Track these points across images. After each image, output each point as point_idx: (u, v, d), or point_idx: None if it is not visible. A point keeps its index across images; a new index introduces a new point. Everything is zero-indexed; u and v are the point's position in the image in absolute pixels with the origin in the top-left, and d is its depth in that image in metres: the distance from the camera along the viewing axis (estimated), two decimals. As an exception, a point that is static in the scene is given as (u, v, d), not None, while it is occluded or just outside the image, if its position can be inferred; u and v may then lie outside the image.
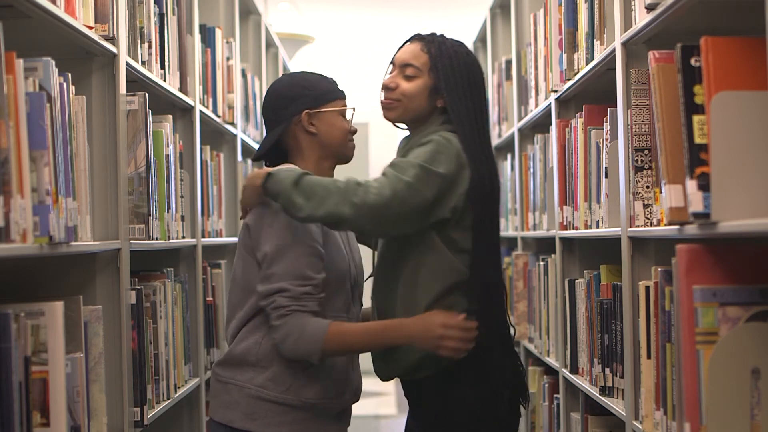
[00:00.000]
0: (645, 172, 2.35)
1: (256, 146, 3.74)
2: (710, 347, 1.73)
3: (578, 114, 3.04)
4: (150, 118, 2.60)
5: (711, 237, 1.78)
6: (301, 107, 2.44)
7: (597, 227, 2.83)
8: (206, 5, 4.14)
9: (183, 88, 3.20)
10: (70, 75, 2.08)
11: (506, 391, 2.41)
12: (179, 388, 3.01)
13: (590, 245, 3.26)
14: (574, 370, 3.15)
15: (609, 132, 2.67)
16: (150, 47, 2.76)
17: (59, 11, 2.01)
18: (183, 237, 3.08)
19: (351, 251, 2.49)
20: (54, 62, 1.88)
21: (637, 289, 2.34)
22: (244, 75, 4.65)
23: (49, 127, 1.84)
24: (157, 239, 2.70)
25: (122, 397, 2.40)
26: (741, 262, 1.76)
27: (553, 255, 3.48)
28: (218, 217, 3.86)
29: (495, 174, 2.41)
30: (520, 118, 4.36)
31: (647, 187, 2.34)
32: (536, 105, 3.89)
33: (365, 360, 2.47)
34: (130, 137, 2.53)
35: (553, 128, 3.40)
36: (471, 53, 2.49)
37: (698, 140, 1.78)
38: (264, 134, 2.52)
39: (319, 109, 2.45)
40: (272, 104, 2.47)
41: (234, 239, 3.92)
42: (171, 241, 2.88)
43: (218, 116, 3.85)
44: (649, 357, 2.27)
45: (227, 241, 3.94)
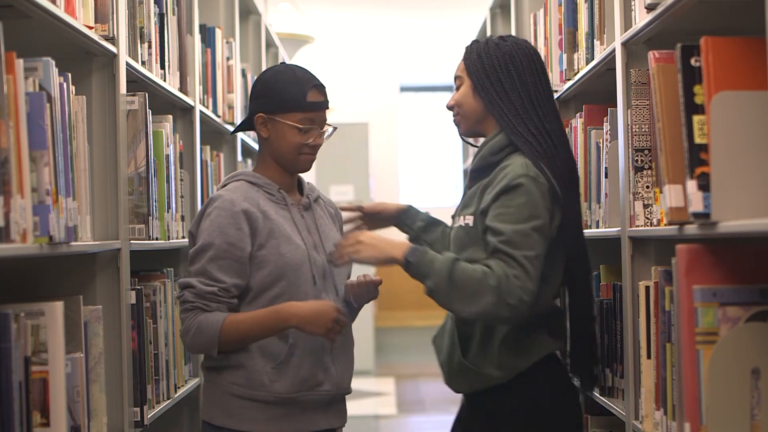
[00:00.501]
0: (645, 172, 2.35)
1: (257, 146, 3.74)
2: (710, 347, 1.73)
3: (578, 114, 3.03)
4: (150, 118, 2.60)
5: (711, 237, 1.78)
6: (258, 108, 2.44)
7: (597, 227, 2.83)
8: (206, 5, 4.14)
9: (183, 88, 3.20)
10: (70, 75, 2.08)
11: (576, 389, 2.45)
12: (179, 388, 3.01)
13: (590, 245, 3.24)
14: (574, 370, 3.15)
15: (609, 132, 2.67)
16: (150, 47, 2.76)
17: (59, 11, 2.01)
18: (183, 237, 3.08)
19: (321, 240, 2.46)
20: (54, 62, 1.88)
21: (637, 289, 2.34)
22: (244, 75, 4.65)
23: (49, 127, 1.84)
24: (157, 239, 2.70)
25: (122, 397, 2.40)
26: (741, 262, 1.76)
27: (553, 255, 3.47)
28: (218, 217, 3.85)
29: (572, 167, 2.41)
30: (520, 118, 4.35)
31: (647, 187, 2.34)
32: (536, 105, 3.88)
33: (359, 355, 2.47)
34: (130, 137, 2.54)
35: (553, 128, 3.39)
36: (509, 41, 2.46)
37: (698, 140, 1.78)
38: None
39: (273, 117, 2.43)
40: (250, 91, 2.52)
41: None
42: (171, 241, 2.88)
43: (218, 116, 3.85)
44: (649, 357, 2.27)
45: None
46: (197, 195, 3.33)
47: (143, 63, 2.69)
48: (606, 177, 2.71)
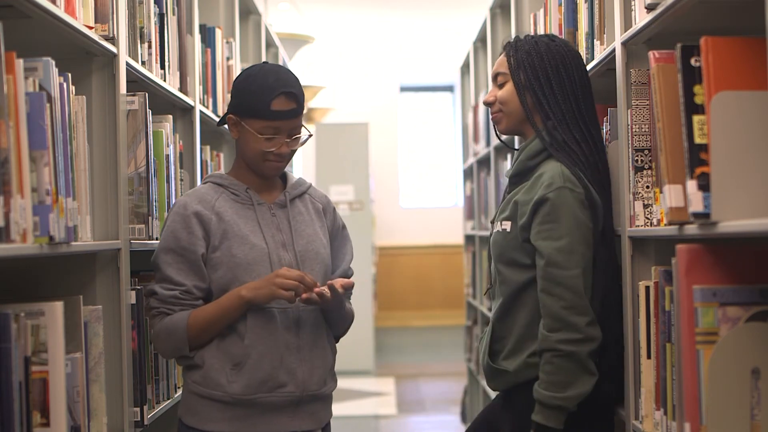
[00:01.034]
0: (645, 172, 2.35)
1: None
2: (710, 347, 1.73)
3: (578, 114, 3.03)
4: (150, 118, 2.60)
5: (711, 237, 1.78)
6: (230, 109, 2.46)
7: (597, 227, 2.83)
8: (206, 5, 4.14)
9: (183, 88, 3.20)
10: (70, 75, 2.08)
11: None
12: (179, 388, 3.00)
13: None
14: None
15: (609, 132, 2.66)
16: (150, 47, 2.76)
17: (59, 11, 2.01)
18: (183, 237, 3.08)
19: (293, 237, 2.45)
20: (54, 62, 1.88)
21: (637, 289, 2.34)
22: (244, 75, 4.64)
23: (49, 127, 1.84)
24: (157, 239, 2.70)
25: (122, 397, 2.40)
26: (741, 262, 1.76)
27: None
28: (218, 217, 3.85)
29: (608, 174, 2.45)
30: (520, 118, 4.35)
31: (647, 187, 2.34)
32: (536, 105, 3.88)
33: (360, 355, 2.46)
34: (130, 137, 2.54)
35: (553, 128, 3.39)
36: (558, 41, 2.50)
37: (698, 140, 1.78)
38: None
39: (240, 120, 2.43)
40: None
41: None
42: (171, 241, 2.87)
43: (218, 116, 3.85)
44: (649, 357, 2.27)
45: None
46: (197, 195, 3.32)
47: (143, 63, 2.69)
48: (606, 177, 2.71)
